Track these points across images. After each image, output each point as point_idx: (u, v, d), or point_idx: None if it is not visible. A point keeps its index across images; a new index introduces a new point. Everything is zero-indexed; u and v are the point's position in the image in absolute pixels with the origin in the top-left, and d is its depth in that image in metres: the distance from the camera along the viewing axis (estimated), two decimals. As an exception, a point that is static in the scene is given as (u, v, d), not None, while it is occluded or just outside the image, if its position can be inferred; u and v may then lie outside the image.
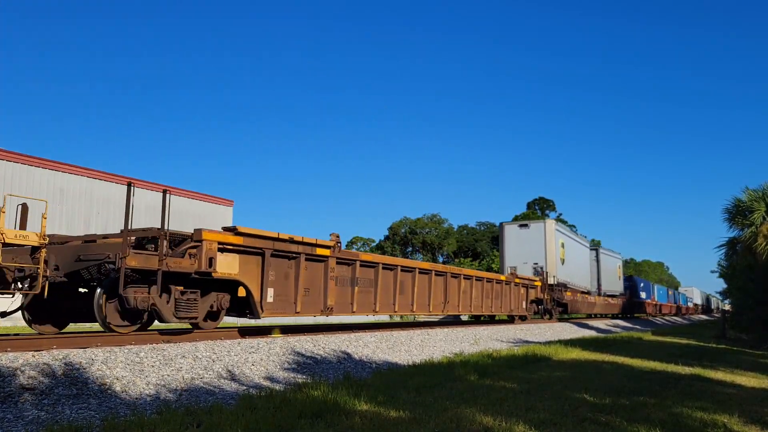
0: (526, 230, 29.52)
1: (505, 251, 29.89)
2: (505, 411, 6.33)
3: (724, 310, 58.07)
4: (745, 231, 21.51)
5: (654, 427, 5.66)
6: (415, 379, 8.43)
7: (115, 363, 7.23)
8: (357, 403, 6.39)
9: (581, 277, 34.36)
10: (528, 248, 28.92)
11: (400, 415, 5.95)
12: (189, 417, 5.54)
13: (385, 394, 7.07)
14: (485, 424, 5.63)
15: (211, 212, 35.91)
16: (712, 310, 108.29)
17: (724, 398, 7.98)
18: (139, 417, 5.45)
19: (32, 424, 5.34)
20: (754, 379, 10.62)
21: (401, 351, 12.40)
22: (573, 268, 32.15)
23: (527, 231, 29.41)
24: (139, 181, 32.18)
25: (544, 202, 71.91)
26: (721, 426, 5.95)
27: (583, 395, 7.59)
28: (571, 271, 31.56)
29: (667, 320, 54.18)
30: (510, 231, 30.01)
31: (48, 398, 5.97)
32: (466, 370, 9.59)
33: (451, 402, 6.80)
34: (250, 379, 8.18)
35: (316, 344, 10.80)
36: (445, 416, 5.95)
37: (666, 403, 7.21)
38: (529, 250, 28.86)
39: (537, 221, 30.51)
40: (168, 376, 7.39)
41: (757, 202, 21.29)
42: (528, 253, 28.88)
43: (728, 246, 24.17)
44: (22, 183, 25.67)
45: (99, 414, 5.80)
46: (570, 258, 31.71)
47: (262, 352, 9.38)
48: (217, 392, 7.21)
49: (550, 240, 28.78)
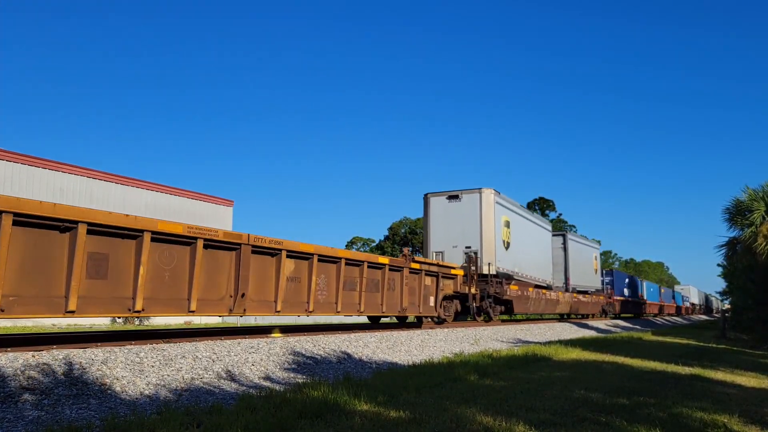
0: (456, 204, 22.19)
1: (430, 232, 22.60)
2: (505, 411, 6.32)
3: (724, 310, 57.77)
4: (745, 231, 21.49)
5: (654, 427, 5.65)
6: (415, 379, 8.42)
7: (115, 363, 7.23)
8: (357, 404, 6.39)
9: (537, 267, 27.66)
10: (459, 227, 22.00)
11: (400, 416, 5.95)
12: (189, 417, 5.54)
13: (385, 395, 7.06)
14: (485, 424, 5.62)
15: (211, 212, 35.90)
16: (712, 310, 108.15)
17: (724, 398, 7.97)
18: (139, 417, 5.45)
19: (32, 425, 5.34)
20: (754, 379, 10.61)
21: (401, 351, 12.40)
22: (523, 256, 25.52)
23: (458, 205, 22.18)
24: (140, 181, 32.19)
25: (544, 202, 71.85)
26: (721, 426, 5.95)
27: (583, 395, 7.59)
28: (520, 258, 24.88)
29: (667, 320, 54.16)
30: (436, 205, 22.71)
31: (48, 398, 5.97)
32: (466, 370, 9.58)
33: (451, 402, 6.79)
34: (249, 379, 8.18)
35: (316, 344, 10.80)
36: (445, 416, 5.95)
37: (666, 403, 7.20)
38: (461, 229, 21.95)
39: (470, 192, 22.15)
40: (168, 376, 7.39)
41: (756, 202, 21.27)
42: (459, 233, 21.97)
43: (728, 246, 24.14)
44: (22, 183, 25.68)
45: (99, 414, 5.80)
46: (519, 242, 24.86)
47: (262, 352, 9.38)
48: (217, 392, 7.21)
49: (487, 216, 21.91)
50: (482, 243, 21.65)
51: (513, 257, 24.11)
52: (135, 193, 31.45)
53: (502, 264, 22.70)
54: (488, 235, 21.79)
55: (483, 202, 21.98)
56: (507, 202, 24.21)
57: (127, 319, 29.48)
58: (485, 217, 21.92)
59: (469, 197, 22.25)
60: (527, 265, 26.13)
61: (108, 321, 28.29)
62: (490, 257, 21.72)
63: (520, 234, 25.34)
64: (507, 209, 24.05)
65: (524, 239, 26.05)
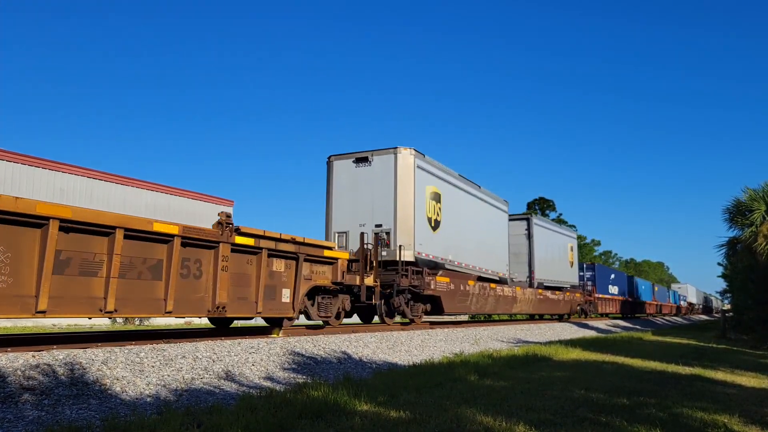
0: (365, 169, 16.85)
1: (332, 207, 17.21)
2: (505, 411, 6.32)
3: (725, 310, 57.54)
4: (745, 231, 21.49)
5: (654, 427, 5.65)
6: (415, 379, 8.42)
7: (116, 363, 7.23)
8: (357, 404, 6.39)
9: (484, 255, 22.11)
10: (368, 200, 16.70)
11: (401, 416, 5.95)
12: (189, 417, 5.54)
13: (386, 395, 7.06)
14: (485, 424, 5.62)
15: (211, 212, 35.91)
16: (711, 310, 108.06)
17: (724, 398, 7.97)
18: (140, 417, 5.45)
19: (33, 425, 5.34)
20: (754, 379, 10.61)
21: (401, 351, 12.40)
22: (461, 240, 20.02)
23: (368, 171, 16.84)
24: (140, 181, 32.20)
25: (544, 202, 71.71)
26: (721, 426, 5.94)
27: (583, 395, 7.59)
28: (455, 243, 19.44)
29: (667, 320, 54.14)
30: (341, 171, 17.28)
31: (48, 398, 5.97)
32: (466, 370, 9.58)
33: (452, 402, 6.79)
34: (250, 379, 8.18)
35: (316, 344, 10.80)
36: (445, 416, 5.95)
37: (666, 403, 7.20)
38: (370, 203, 16.65)
39: (383, 153, 16.78)
40: (168, 376, 7.39)
41: (756, 202, 21.27)
42: (368, 208, 16.65)
43: (728, 246, 24.14)
44: (23, 183, 25.68)
45: (99, 414, 5.80)
46: (454, 221, 19.40)
47: (262, 353, 9.38)
48: (217, 392, 7.21)
49: (405, 184, 16.56)
50: (396, 220, 16.25)
51: (444, 241, 18.53)
52: (135, 193, 31.45)
53: (427, 248, 17.25)
54: (405, 210, 16.39)
55: (399, 166, 16.52)
56: (436, 168, 18.46)
57: (128, 319, 29.50)
58: (402, 186, 16.49)
59: (381, 160, 16.77)
60: (467, 253, 20.40)
61: (108, 321, 28.30)
62: (407, 238, 16.27)
63: (456, 211, 19.76)
64: (436, 178, 18.37)
65: (463, 219, 20.39)
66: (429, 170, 17.99)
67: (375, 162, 16.92)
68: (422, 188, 17.37)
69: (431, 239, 17.72)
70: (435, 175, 18.40)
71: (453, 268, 19.23)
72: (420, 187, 17.17)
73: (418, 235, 16.77)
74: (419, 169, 17.19)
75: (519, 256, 27.08)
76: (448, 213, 19.09)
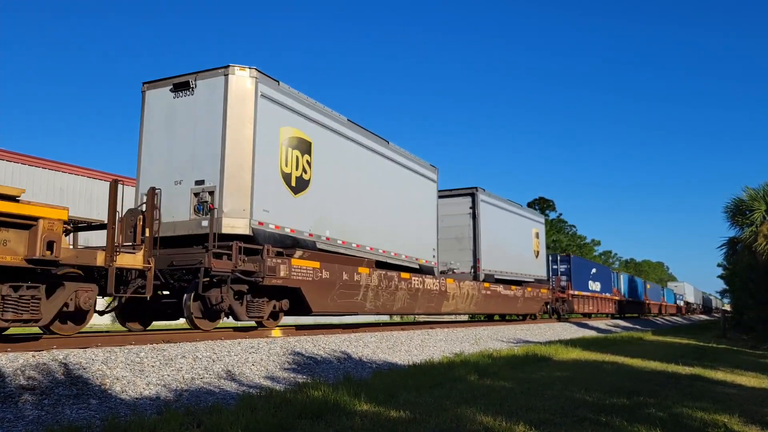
0: (187, 100, 11.79)
1: (142, 153, 12.26)
2: (505, 411, 6.32)
3: (725, 310, 57.34)
4: (745, 230, 21.50)
5: (654, 427, 5.65)
6: (415, 379, 8.43)
7: (116, 363, 7.23)
8: (357, 403, 6.39)
9: (392, 235, 16.24)
10: (188, 144, 11.66)
11: (400, 415, 5.95)
12: (189, 417, 5.54)
13: (385, 394, 7.07)
14: (485, 424, 5.62)
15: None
16: (711, 309, 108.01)
17: (724, 398, 7.97)
18: (140, 417, 5.45)
19: (32, 425, 5.34)
20: (754, 379, 10.61)
21: (401, 351, 12.40)
22: (348, 209, 14.47)
23: (189, 102, 11.78)
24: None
25: (544, 202, 71.74)
26: (721, 426, 5.95)
27: (583, 395, 7.59)
28: (336, 214, 13.98)
29: (667, 320, 54.12)
30: (156, 103, 12.20)
31: (48, 398, 5.97)
32: (466, 370, 9.59)
33: (451, 402, 6.79)
34: (250, 379, 8.18)
35: (316, 344, 10.81)
36: (445, 416, 5.95)
37: (666, 403, 7.20)
38: (191, 148, 11.61)
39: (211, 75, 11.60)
40: (168, 376, 7.39)
41: (757, 202, 21.28)
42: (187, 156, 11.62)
43: (728, 246, 24.16)
44: (23, 183, 25.69)
45: (99, 414, 5.80)
46: (334, 180, 13.98)
47: (262, 352, 9.39)
48: (217, 392, 7.22)
49: (240, 120, 11.47)
50: (224, 174, 11.13)
51: (315, 209, 13.15)
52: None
53: (280, 218, 12.05)
54: (237, 159, 11.27)
55: (232, 94, 11.36)
56: (302, 104, 12.98)
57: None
58: (234, 123, 11.33)
59: (207, 86, 11.61)
60: (359, 229, 14.73)
61: (108, 321, 28.33)
62: (239, 201, 11.21)
63: (339, 169, 14.13)
64: (302, 117, 12.90)
65: (354, 181, 14.72)
66: (287, 104, 12.40)
67: (199, 89, 11.72)
68: (272, 129, 11.96)
69: (290, 205, 12.35)
70: (300, 114, 12.77)
71: (331, 248, 13.46)
72: (268, 126, 11.80)
73: (261, 197, 11.47)
74: (267, 101, 11.81)
75: (462, 242, 21.60)
76: (323, 170, 13.42)
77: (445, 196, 21.24)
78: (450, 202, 21.54)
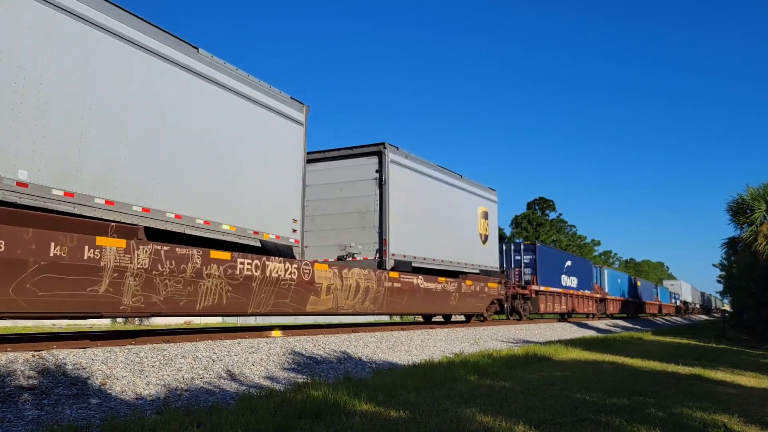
0: None
1: None
2: (505, 411, 6.32)
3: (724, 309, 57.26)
4: (746, 230, 21.49)
5: (654, 427, 5.65)
6: (415, 379, 8.43)
7: (115, 363, 7.23)
8: (357, 403, 6.39)
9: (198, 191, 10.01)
10: None
11: (400, 415, 5.95)
12: (189, 417, 5.54)
13: (385, 394, 7.06)
14: (485, 424, 5.62)
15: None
16: (710, 309, 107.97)
17: (724, 398, 7.97)
18: (139, 417, 5.45)
19: (32, 424, 5.34)
20: (754, 379, 10.61)
21: (401, 351, 12.40)
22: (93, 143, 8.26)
23: None
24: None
25: (544, 202, 71.79)
26: (721, 426, 5.94)
27: (583, 395, 7.59)
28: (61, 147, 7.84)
29: (666, 320, 54.11)
30: None
31: (48, 398, 5.97)
32: (466, 370, 9.58)
33: (451, 402, 6.79)
34: (250, 379, 8.18)
35: (315, 344, 10.80)
36: (445, 416, 5.95)
37: (666, 403, 7.20)
38: None
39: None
40: (168, 376, 7.39)
41: (757, 201, 21.27)
42: None
43: (729, 245, 24.16)
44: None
45: (99, 414, 5.80)
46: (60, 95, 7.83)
47: (262, 352, 9.39)
48: (217, 392, 7.21)
49: None
50: None
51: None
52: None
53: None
54: None
55: None
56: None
57: (128, 318, 29.50)
58: None
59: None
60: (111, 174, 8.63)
61: (108, 321, 28.31)
62: None
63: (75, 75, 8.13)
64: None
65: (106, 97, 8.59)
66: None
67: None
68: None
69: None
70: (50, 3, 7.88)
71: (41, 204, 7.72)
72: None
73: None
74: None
75: (366, 217, 15.72)
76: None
77: (344, 156, 16.28)
78: (351, 164, 16.19)
